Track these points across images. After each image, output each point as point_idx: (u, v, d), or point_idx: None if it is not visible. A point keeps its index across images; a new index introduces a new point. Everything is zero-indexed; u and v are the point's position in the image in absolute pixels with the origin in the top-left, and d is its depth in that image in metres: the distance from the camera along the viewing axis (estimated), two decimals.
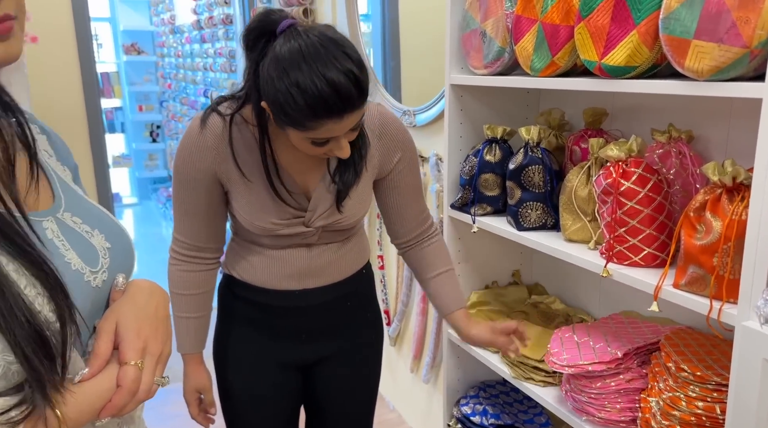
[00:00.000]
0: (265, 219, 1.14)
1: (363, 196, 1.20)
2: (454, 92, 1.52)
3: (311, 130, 0.98)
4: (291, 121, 0.98)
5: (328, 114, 0.95)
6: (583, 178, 1.22)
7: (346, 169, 1.15)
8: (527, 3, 1.23)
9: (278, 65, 0.95)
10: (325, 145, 1.03)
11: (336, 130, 0.99)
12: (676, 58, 0.92)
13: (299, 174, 1.15)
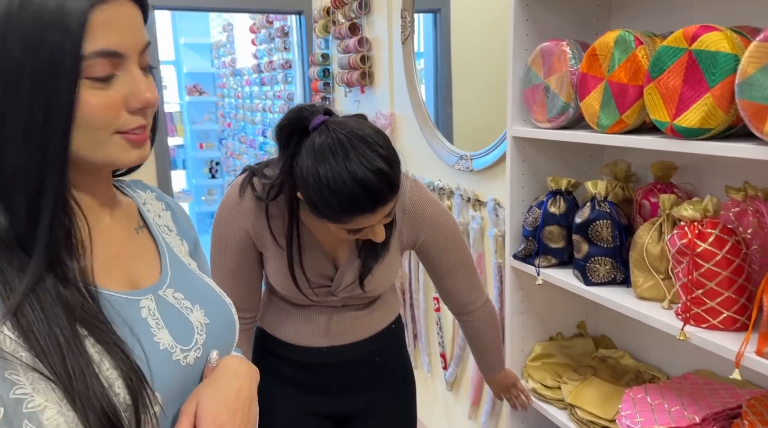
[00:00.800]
0: (291, 285, 1.19)
1: (390, 268, 1.25)
2: (516, 144, 1.53)
3: (345, 223, 1.03)
4: (325, 217, 1.03)
5: (360, 211, 0.99)
6: (655, 234, 1.20)
7: (373, 249, 1.18)
8: (593, 61, 1.24)
9: (310, 165, 0.98)
10: (360, 232, 1.07)
11: (369, 222, 1.04)
12: (755, 124, 0.90)
13: (330, 245, 1.20)
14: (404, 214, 1.22)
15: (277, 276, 1.21)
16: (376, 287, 1.24)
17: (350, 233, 1.07)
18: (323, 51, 3.39)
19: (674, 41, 1.04)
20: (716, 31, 0.98)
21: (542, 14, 1.46)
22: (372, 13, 2.84)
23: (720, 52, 0.96)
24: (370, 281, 1.22)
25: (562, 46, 1.35)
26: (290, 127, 1.03)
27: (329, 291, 1.22)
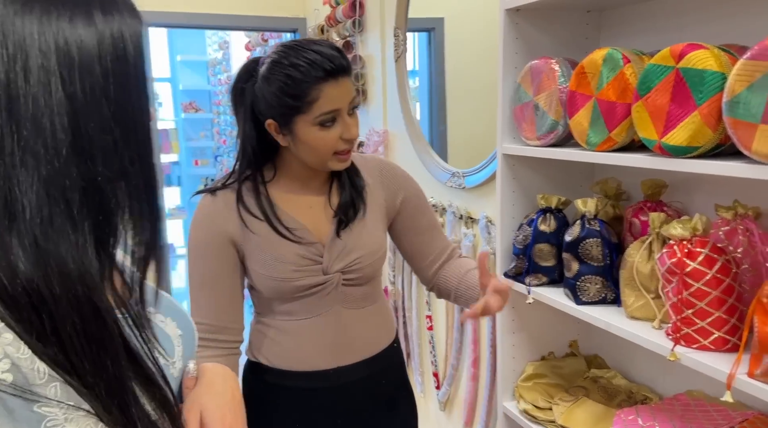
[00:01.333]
0: (283, 269, 1.15)
1: (374, 232, 1.24)
2: (506, 161, 1.53)
3: (315, 102, 1.07)
4: (294, 103, 1.07)
5: (324, 75, 1.06)
6: (645, 253, 1.19)
7: (347, 205, 1.22)
8: (582, 79, 1.23)
9: (269, 68, 1.09)
10: (334, 127, 1.11)
11: (337, 98, 1.08)
12: (742, 142, 0.90)
13: (311, 223, 1.20)
14: (380, 175, 1.28)
15: (264, 266, 1.16)
16: (365, 244, 1.21)
17: (325, 130, 1.10)
18: None
19: (661, 59, 1.04)
20: (703, 49, 0.98)
21: (531, 32, 1.46)
22: (365, 31, 2.85)
23: (707, 70, 0.96)
24: (358, 239, 1.20)
25: (551, 64, 1.35)
26: (243, 79, 1.14)
27: (322, 270, 1.17)
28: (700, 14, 1.25)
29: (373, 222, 1.25)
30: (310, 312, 1.20)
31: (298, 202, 1.21)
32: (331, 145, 1.13)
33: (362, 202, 1.24)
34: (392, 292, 2.70)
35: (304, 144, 1.13)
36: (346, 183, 1.24)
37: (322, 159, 1.15)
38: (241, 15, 3.43)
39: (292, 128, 1.12)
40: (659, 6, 1.34)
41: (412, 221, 1.31)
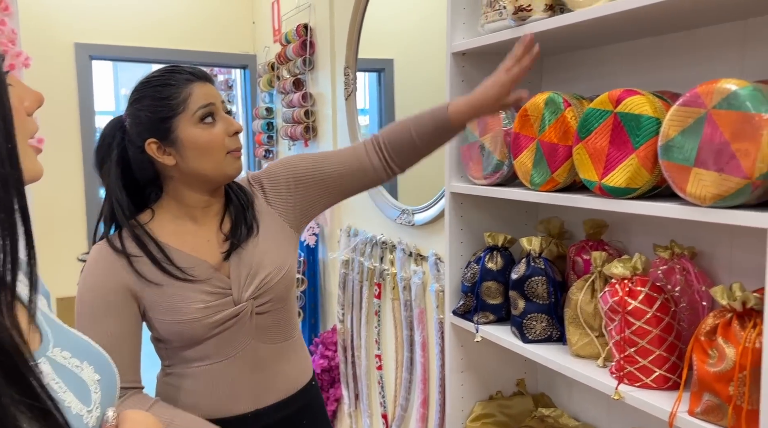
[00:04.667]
0: (189, 310, 1.08)
1: (275, 248, 1.19)
2: (454, 200, 1.54)
3: (189, 98, 1.08)
4: (170, 103, 1.07)
5: (190, 77, 1.09)
6: (588, 292, 1.21)
7: (238, 225, 1.18)
8: (525, 122, 1.27)
9: (136, 91, 1.11)
10: (216, 124, 1.11)
11: (208, 95, 1.10)
12: (678, 184, 0.93)
13: (211, 256, 1.14)
14: (257, 180, 1.25)
15: (169, 310, 1.09)
16: (270, 271, 1.15)
17: (207, 126, 1.09)
18: (267, 105, 3.39)
19: (600, 104, 1.08)
20: (639, 95, 1.02)
21: (477, 75, 1.50)
22: (316, 69, 2.87)
23: (643, 115, 1.00)
24: (261, 263, 1.15)
25: None
26: (110, 135, 1.14)
27: (232, 300, 1.11)
28: (635, 62, 1.31)
29: (273, 236, 1.20)
30: (226, 352, 1.14)
31: (193, 236, 1.15)
32: (220, 141, 1.11)
33: (254, 219, 1.20)
34: (341, 330, 2.65)
35: (194, 148, 1.09)
36: (233, 203, 1.20)
37: (216, 159, 1.11)
38: (191, 50, 3.40)
39: (175, 137, 1.09)
40: (597, 53, 1.40)
41: (322, 177, 1.23)
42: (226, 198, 1.21)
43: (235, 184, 1.23)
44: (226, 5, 3.47)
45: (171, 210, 1.17)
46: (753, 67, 1.07)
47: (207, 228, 1.18)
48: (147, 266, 1.10)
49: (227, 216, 1.20)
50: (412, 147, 1.22)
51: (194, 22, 3.40)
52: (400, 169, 1.27)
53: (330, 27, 2.71)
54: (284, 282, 1.18)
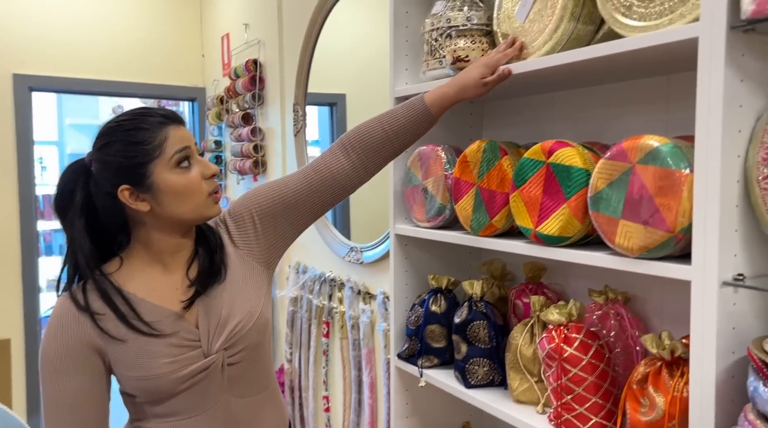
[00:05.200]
0: (156, 365, 1.03)
1: (246, 292, 1.14)
2: (398, 241, 1.54)
3: (165, 143, 1.03)
4: (145, 148, 1.02)
5: (164, 120, 1.04)
6: (527, 336, 1.22)
7: (205, 271, 1.11)
8: (465, 167, 1.29)
9: (105, 135, 1.05)
10: (193, 167, 1.06)
11: (183, 138, 1.06)
12: (607, 235, 0.96)
13: (179, 306, 1.09)
14: (222, 220, 1.19)
15: (135, 366, 1.04)
16: (241, 319, 1.10)
17: (183, 170, 1.05)
18: (216, 138, 3.35)
19: (534, 154, 1.10)
20: (570, 147, 1.05)
21: None
22: (266, 104, 2.87)
23: (573, 166, 1.03)
24: (231, 310, 1.10)
25: (438, 151, 1.40)
26: (72, 179, 1.08)
27: (202, 353, 1.07)
28: (569, 111, 1.35)
29: (243, 280, 1.15)
30: (197, 408, 1.08)
31: (161, 284, 1.10)
32: (198, 185, 1.06)
33: (222, 262, 1.14)
34: (288, 371, 2.60)
35: (171, 193, 1.05)
36: (203, 245, 1.14)
37: (196, 203, 1.07)
38: (138, 82, 3.35)
39: (150, 183, 1.03)
40: (533, 101, 1.44)
41: (287, 202, 1.16)
42: (197, 240, 1.16)
43: (205, 226, 1.17)
44: (176, 38, 3.44)
45: (140, 257, 1.11)
46: (676, 121, 1.12)
47: (176, 274, 1.12)
48: (112, 322, 1.04)
49: (196, 260, 1.14)
50: (384, 143, 1.17)
51: (142, 54, 3.35)
52: (370, 171, 1.20)
53: (280, 63, 2.71)
54: (257, 328, 1.13)
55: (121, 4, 3.32)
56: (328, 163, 1.17)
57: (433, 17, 1.37)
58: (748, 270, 0.81)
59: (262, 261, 1.19)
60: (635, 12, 0.94)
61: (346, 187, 1.19)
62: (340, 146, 1.18)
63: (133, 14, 3.34)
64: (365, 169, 1.18)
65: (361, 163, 1.17)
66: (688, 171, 0.85)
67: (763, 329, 0.82)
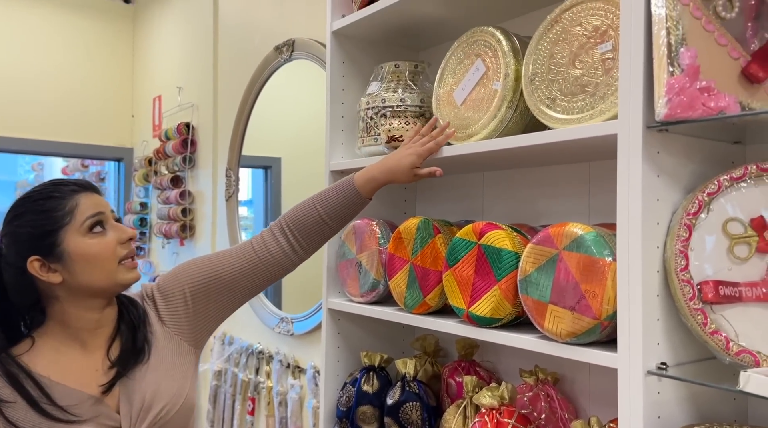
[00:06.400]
0: None
1: (172, 373, 1.07)
2: (331, 316, 1.51)
3: (76, 209, 1.00)
4: (55, 215, 0.99)
5: (76, 188, 1.02)
6: (460, 419, 1.20)
7: (127, 351, 1.05)
8: (399, 243, 1.29)
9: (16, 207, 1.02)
10: (107, 233, 1.02)
11: (96, 204, 1.03)
12: (536, 318, 0.97)
13: (97, 388, 1.01)
14: (149, 294, 1.13)
15: None
16: (166, 402, 1.03)
17: (97, 236, 1.01)
18: (142, 200, 3.23)
19: (466, 234, 1.12)
20: (499, 229, 1.07)
21: None
22: (197, 168, 2.81)
23: (503, 249, 1.05)
24: (157, 393, 1.02)
25: (372, 225, 1.40)
26: None
27: None
28: (500, 190, 1.40)
29: (169, 360, 1.08)
30: None
31: (79, 366, 1.03)
32: (111, 250, 1.02)
33: (146, 341, 1.07)
34: None
35: (83, 260, 1.00)
36: (125, 321, 1.08)
37: (108, 270, 1.01)
38: (63, 142, 3.22)
39: (61, 251, 0.99)
40: (467, 179, 1.49)
41: (221, 282, 1.12)
42: (120, 315, 1.08)
43: (127, 299, 1.11)
44: (106, 98, 3.35)
45: (55, 335, 1.03)
46: (597, 205, 1.18)
47: (96, 354, 1.04)
48: (22, 411, 0.94)
49: (118, 338, 1.06)
50: (320, 226, 1.16)
51: (69, 113, 3.24)
52: (308, 252, 1.18)
53: (213, 127, 2.69)
54: (183, 413, 1.06)
55: (51, 62, 3.23)
56: (268, 244, 1.15)
57: (369, 96, 1.40)
58: (670, 359, 0.83)
59: (191, 341, 1.13)
60: (559, 105, 0.99)
61: (285, 267, 1.17)
62: (279, 228, 1.16)
63: (62, 72, 3.24)
64: (304, 250, 1.17)
65: (299, 245, 1.15)
66: (611, 259, 0.88)
67: (686, 418, 0.84)
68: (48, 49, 3.22)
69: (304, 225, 1.15)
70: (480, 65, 1.17)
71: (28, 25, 3.17)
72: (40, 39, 3.20)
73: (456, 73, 1.23)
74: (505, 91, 1.10)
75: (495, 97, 1.12)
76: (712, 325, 0.79)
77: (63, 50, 3.26)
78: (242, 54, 2.49)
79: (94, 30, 3.32)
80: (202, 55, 2.74)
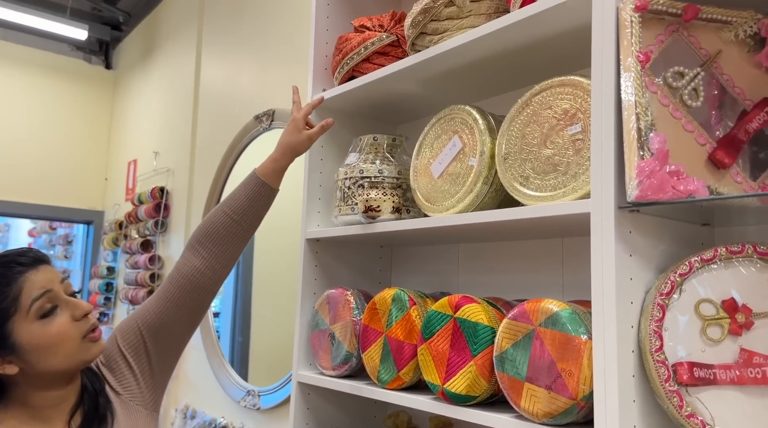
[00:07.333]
0: None
1: None
2: (300, 390, 1.45)
3: (20, 294, 0.92)
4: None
5: (20, 269, 0.93)
6: None
7: (89, 420, 0.99)
8: (374, 314, 1.27)
9: None
10: (60, 313, 0.94)
11: (44, 281, 0.94)
12: (512, 397, 0.95)
13: None
14: (97, 365, 1.07)
15: None
16: None
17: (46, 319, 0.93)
18: (109, 264, 3.15)
19: (441, 307, 1.11)
20: (475, 303, 1.07)
21: (330, 261, 1.51)
22: (169, 232, 2.77)
23: (479, 323, 1.04)
24: None
25: (347, 295, 1.38)
26: None
27: None
28: (475, 262, 1.40)
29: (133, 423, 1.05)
30: None
31: None
32: (66, 331, 0.94)
33: (108, 409, 1.02)
34: None
35: (38, 349, 0.93)
36: (88, 391, 1.02)
37: (68, 353, 0.95)
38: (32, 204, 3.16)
39: (12, 343, 0.92)
40: (442, 250, 1.49)
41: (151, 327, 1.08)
42: (82, 386, 1.02)
43: (87, 368, 1.05)
44: (80, 160, 3.33)
45: (16, 415, 0.96)
46: (571, 280, 1.19)
47: (57, 426, 0.98)
48: None
49: (79, 410, 1.01)
50: (230, 226, 1.13)
51: (42, 175, 3.20)
52: (224, 260, 1.13)
53: (188, 192, 2.67)
54: None
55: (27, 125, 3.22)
56: (180, 269, 1.12)
57: (347, 167, 1.42)
58: None
59: (149, 403, 1.09)
60: (532, 183, 1.02)
61: (204, 287, 1.11)
62: (188, 247, 1.14)
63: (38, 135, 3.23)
64: (218, 261, 1.13)
65: (212, 256, 1.12)
66: (587, 337, 0.88)
67: None
68: (25, 112, 3.22)
69: (214, 233, 1.13)
70: (457, 141, 1.20)
71: (8, 87, 3.18)
72: (19, 102, 3.20)
73: (433, 147, 1.26)
74: (480, 167, 1.12)
75: (471, 172, 1.14)
76: (688, 408, 0.78)
77: (41, 113, 3.26)
78: (222, 121, 2.52)
79: (73, 94, 3.34)
80: (182, 120, 2.77)
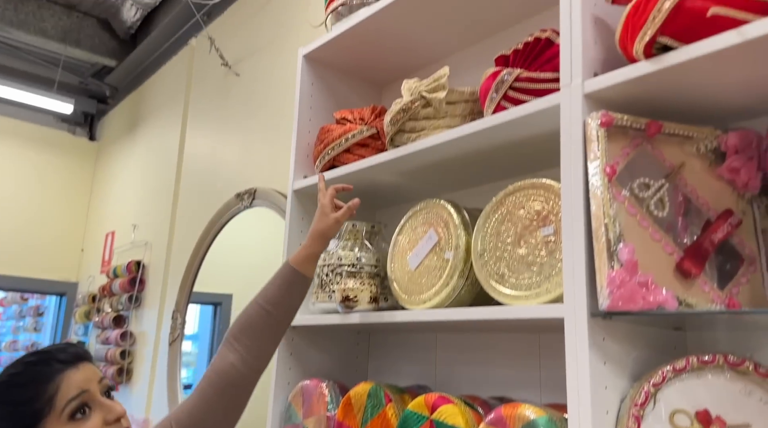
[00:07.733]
0: None
1: None
2: None
3: (56, 395, 0.89)
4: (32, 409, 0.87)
5: (60, 366, 0.91)
6: None
7: None
8: (348, 411, 1.23)
9: None
10: (93, 415, 0.91)
11: (82, 381, 0.92)
12: None
13: None
14: None
15: None
16: None
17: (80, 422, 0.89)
18: (80, 338, 3.06)
19: (418, 407, 1.09)
20: (452, 404, 1.05)
21: (306, 349, 1.48)
22: (142, 307, 2.71)
23: (456, 426, 1.01)
24: None
25: (322, 387, 1.35)
26: None
27: None
28: (452, 352, 1.39)
29: None
30: None
31: None
32: None
33: None
34: None
35: None
36: None
37: None
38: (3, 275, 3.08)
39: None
40: (420, 338, 1.48)
41: None
42: None
43: None
44: (56, 231, 3.29)
45: None
46: (548, 375, 1.17)
47: None
48: None
49: None
50: (265, 318, 1.12)
51: (16, 245, 3.14)
52: (261, 355, 1.11)
53: (165, 266, 2.64)
54: None
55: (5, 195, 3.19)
56: (215, 366, 1.09)
57: (326, 253, 1.41)
58: None
59: None
60: (507, 281, 1.03)
61: (238, 384, 1.08)
62: (225, 344, 1.11)
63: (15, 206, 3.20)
64: (255, 357, 1.10)
65: (248, 352, 1.09)
66: None
67: None
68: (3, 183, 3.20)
69: (250, 327, 1.12)
70: (432, 235, 1.22)
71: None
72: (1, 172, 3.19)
73: (410, 238, 1.27)
74: (456, 261, 1.13)
75: (447, 266, 1.15)
76: None
77: (20, 184, 3.25)
78: (203, 197, 2.53)
79: (55, 165, 3.34)
80: (162, 194, 2.77)
